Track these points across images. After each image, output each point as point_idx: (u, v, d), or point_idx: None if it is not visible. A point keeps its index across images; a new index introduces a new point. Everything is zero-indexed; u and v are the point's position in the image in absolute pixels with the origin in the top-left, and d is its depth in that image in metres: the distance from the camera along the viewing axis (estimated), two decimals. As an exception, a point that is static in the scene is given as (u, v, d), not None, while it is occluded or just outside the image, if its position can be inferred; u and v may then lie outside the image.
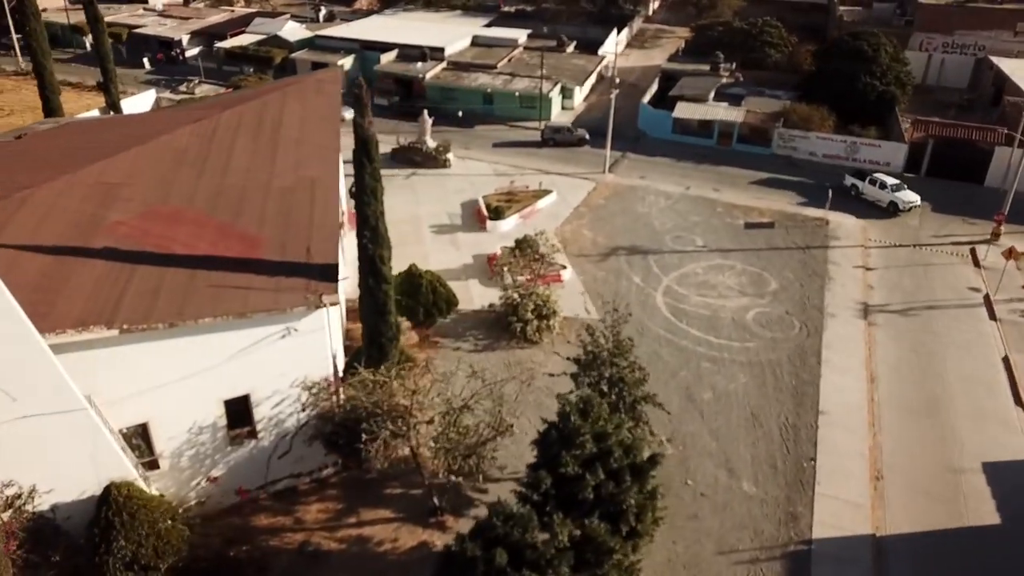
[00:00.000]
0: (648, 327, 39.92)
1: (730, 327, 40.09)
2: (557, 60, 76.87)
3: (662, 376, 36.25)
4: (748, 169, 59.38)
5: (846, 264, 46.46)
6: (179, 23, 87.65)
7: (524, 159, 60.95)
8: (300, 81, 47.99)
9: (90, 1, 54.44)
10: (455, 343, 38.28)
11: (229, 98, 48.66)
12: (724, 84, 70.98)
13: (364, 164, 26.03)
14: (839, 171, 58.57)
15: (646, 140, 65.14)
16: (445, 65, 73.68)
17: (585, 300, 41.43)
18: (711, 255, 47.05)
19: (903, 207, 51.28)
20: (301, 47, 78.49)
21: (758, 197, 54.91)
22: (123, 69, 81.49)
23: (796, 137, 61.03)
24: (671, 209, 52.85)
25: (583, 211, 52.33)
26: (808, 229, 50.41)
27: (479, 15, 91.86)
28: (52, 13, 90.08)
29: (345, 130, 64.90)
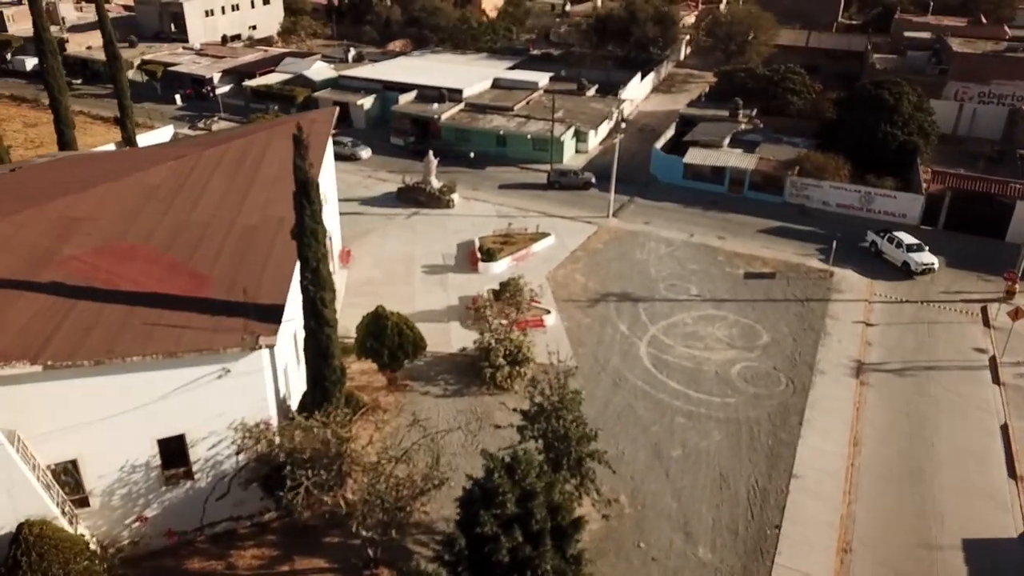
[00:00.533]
0: (626, 378, 38.69)
1: (712, 381, 38.60)
2: (575, 104, 76.75)
3: (632, 430, 34.99)
4: (758, 217, 57.92)
5: (846, 319, 44.59)
6: (213, 61, 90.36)
7: (529, 201, 60.56)
8: (292, 120, 48.52)
9: (110, 40, 56.41)
10: (425, 387, 37.63)
11: (220, 135, 49.47)
12: (741, 130, 69.85)
13: (304, 206, 25.82)
14: (852, 221, 56.85)
15: (657, 185, 64.23)
16: (462, 107, 74.17)
17: (564, 347, 40.55)
18: (704, 305, 45.67)
19: (915, 268, 48.91)
20: (325, 87, 80.00)
21: (764, 246, 53.39)
22: (156, 105, 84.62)
23: (809, 186, 59.44)
24: (670, 256, 51.69)
25: (579, 255, 51.53)
26: (811, 281, 48.68)
27: (505, 58, 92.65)
28: (97, 51, 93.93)
29: (354, 168, 66.25)
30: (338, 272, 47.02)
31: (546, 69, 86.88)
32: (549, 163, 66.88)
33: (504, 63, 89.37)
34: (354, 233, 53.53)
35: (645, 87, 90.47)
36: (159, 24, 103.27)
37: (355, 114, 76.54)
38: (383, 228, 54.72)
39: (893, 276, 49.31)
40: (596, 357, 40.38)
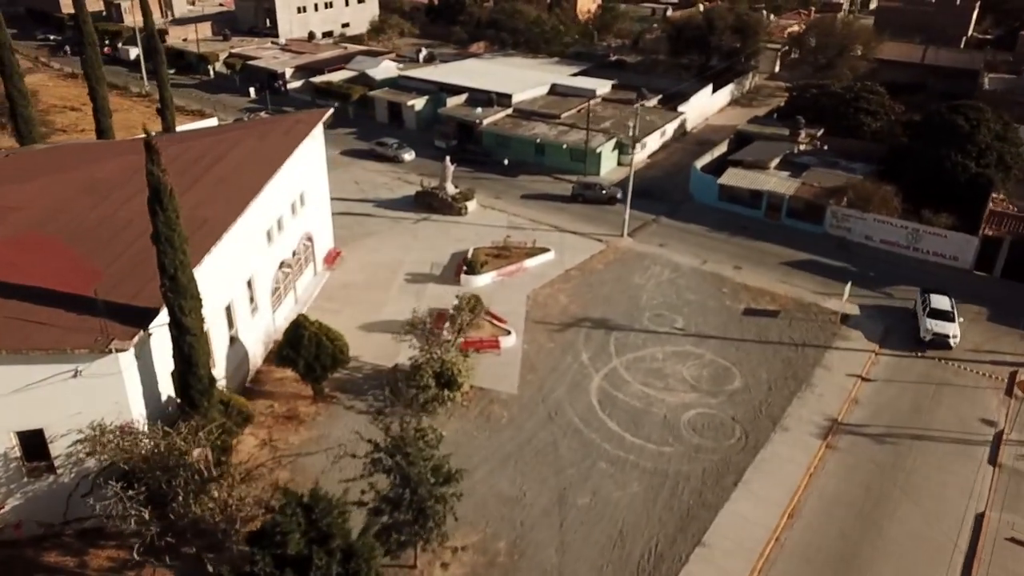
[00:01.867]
0: (564, 412, 36.22)
1: (656, 426, 35.47)
2: (626, 114, 73.53)
3: (545, 471, 32.62)
4: (789, 247, 53.17)
5: (840, 370, 39.94)
6: (292, 57, 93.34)
7: (548, 213, 58.36)
8: (280, 120, 49.00)
9: (152, 33, 58.99)
10: (352, 400, 36.70)
11: (199, 132, 50.44)
12: (797, 152, 64.57)
13: (157, 212, 25.38)
14: (895, 260, 51.29)
15: (691, 205, 60.36)
16: (508, 112, 72.74)
17: (512, 373, 38.59)
18: (684, 340, 42.21)
19: (923, 335, 42.05)
20: (384, 86, 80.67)
21: (781, 280, 48.87)
22: (232, 96, 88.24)
23: (851, 217, 53.94)
24: (671, 283, 48.25)
25: (574, 275, 49.01)
26: (816, 323, 44.03)
27: (575, 63, 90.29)
28: (192, 43, 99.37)
29: (386, 169, 65.97)
30: (319, 274, 47.16)
31: (614, 77, 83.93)
32: (585, 174, 64.36)
33: (572, 68, 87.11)
34: (356, 235, 53.42)
35: (719, 99, 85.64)
36: (254, 19, 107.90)
37: (406, 115, 76.76)
38: (386, 231, 54.27)
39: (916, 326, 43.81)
40: (542, 386, 38.08)
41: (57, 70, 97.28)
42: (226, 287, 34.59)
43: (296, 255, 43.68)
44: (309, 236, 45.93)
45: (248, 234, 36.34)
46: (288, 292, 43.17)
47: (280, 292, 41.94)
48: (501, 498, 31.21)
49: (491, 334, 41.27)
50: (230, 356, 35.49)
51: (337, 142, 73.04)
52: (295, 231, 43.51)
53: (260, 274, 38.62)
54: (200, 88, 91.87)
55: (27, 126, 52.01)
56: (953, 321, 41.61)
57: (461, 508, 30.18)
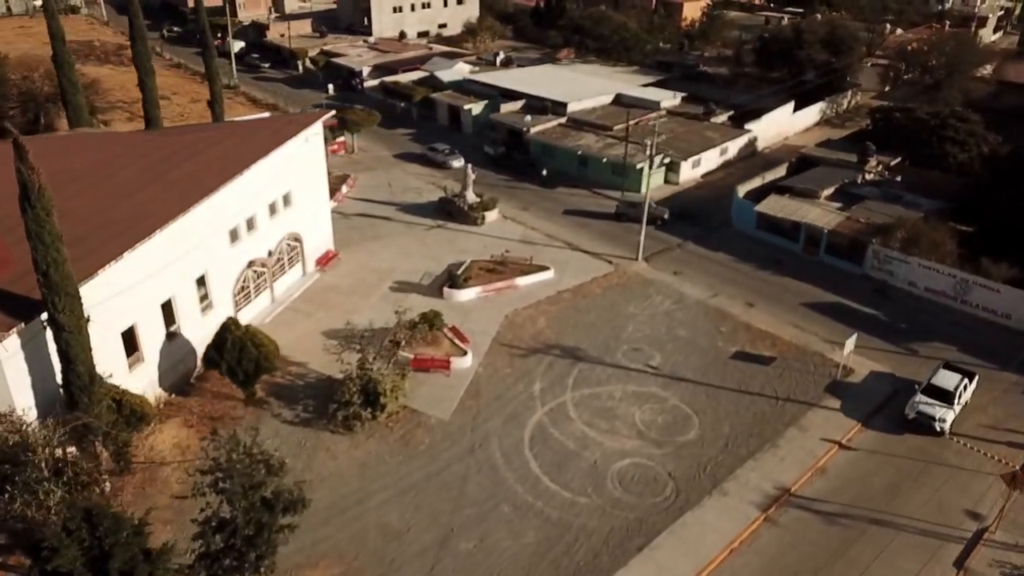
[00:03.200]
0: (489, 445, 34.13)
1: (581, 473, 32.70)
2: (688, 129, 69.58)
3: (441, 507, 30.77)
4: (819, 287, 48.15)
5: (817, 433, 35.45)
6: (376, 56, 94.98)
7: (570, 229, 55.83)
8: (273, 121, 49.44)
9: (204, 29, 61.34)
10: (280, 408, 36.19)
11: (188, 128, 51.30)
12: (859, 181, 58.51)
13: (26, 210, 25.63)
14: (938, 312, 45.48)
15: (727, 232, 55.99)
16: (562, 121, 70.48)
17: (453, 397, 36.91)
18: (653, 380, 38.90)
19: (908, 412, 35.91)
20: (450, 88, 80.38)
21: (794, 323, 44.22)
22: (312, 92, 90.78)
23: (894, 259, 48.07)
24: (667, 315, 44.75)
25: (565, 297, 46.44)
26: (812, 377, 39.41)
27: (652, 73, 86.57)
28: (290, 39, 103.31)
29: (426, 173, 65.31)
30: (308, 275, 47.21)
31: (696, 89, 79.77)
32: (623, 190, 61.27)
33: (647, 78, 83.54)
34: (364, 237, 53.22)
35: (806, 118, 79.32)
36: (351, 18, 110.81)
37: (464, 119, 76.10)
38: (394, 236, 53.66)
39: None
40: (478, 414, 36.11)
41: (167, 60, 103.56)
42: (164, 283, 34.87)
43: (274, 255, 43.76)
44: (296, 237, 45.96)
45: (200, 231, 36.56)
46: (262, 291, 43.33)
47: (250, 291, 42.13)
48: (384, 530, 29.67)
49: (446, 353, 39.63)
50: (167, 352, 35.86)
51: (393, 143, 73.58)
52: (274, 231, 43.61)
53: (217, 272, 38.81)
54: (286, 83, 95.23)
55: (76, 112, 55.29)
56: (951, 404, 35.54)
57: (338, 536, 29.23)
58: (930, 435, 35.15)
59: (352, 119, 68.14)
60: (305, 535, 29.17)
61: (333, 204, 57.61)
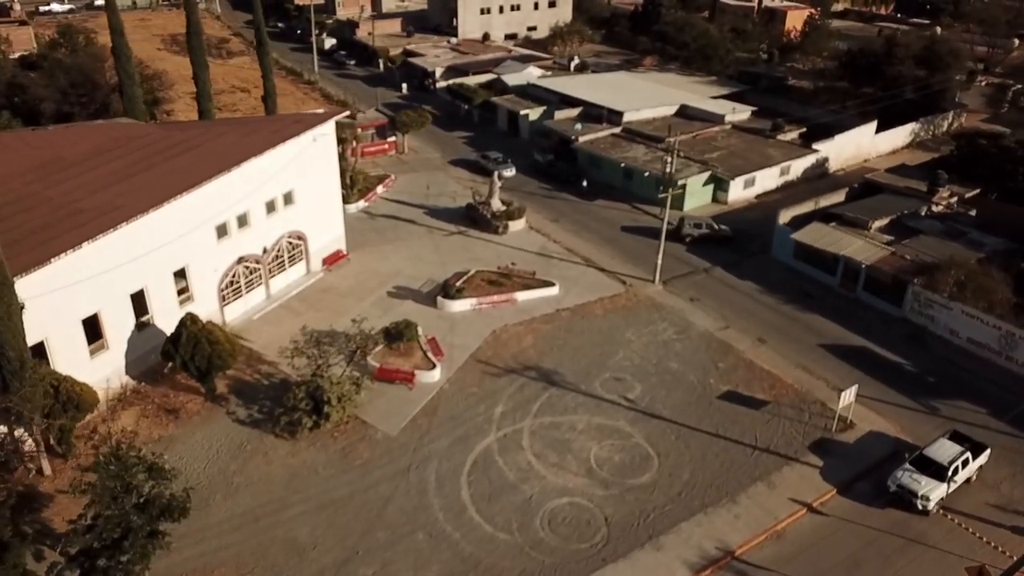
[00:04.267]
0: (426, 467, 32.87)
1: (511, 508, 30.89)
2: (748, 146, 65.45)
3: (355, 527, 29.87)
4: (847, 327, 43.86)
5: (786, 492, 32.03)
6: (454, 56, 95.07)
7: (592, 244, 53.43)
8: (279, 119, 49.74)
9: (259, 27, 62.99)
10: (237, 406, 36.28)
11: (193, 123, 52.03)
12: (928, 213, 52.98)
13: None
14: (979, 365, 40.55)
15: (763, 259, 52.00)
16: (615, 131, 67.90)
17: (405, 412, 35.89)
18: (622, 414, 36.39)
19: (890, 483, 31.77)
20: (515, 92, 79.23)
21: (802, 365, 40.39)
22: (386, 91, 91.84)
23: (935, 303, 43.04)
24: (664, 345, 41.89)
25: (562, 316, 44.38)
26: (803, 428, 35.75)
27: (733, 84, 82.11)
28: (377, 38, 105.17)
29: (468, 178, 64.57)
30: (311, 274, 47.46)
31: (776, 103, 75.27)
32: (661, 206, 58.04)
33: (721, 90, 79.24)
34: (381, 239, 52.99)
35: (892, 139, 72.97)
36: (440, 18, 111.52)
37: (522, 124, 74.78)
38: (411, 240, 53.06)
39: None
40: (426, 433, 34.88)
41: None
42: (134, 274, 35.62)
43: (271, 252, 44.08)
44: (299, 235, 46.18)
45: (178, 226, 37.15)
46: (256, 288, 43.74)
47: (240, 287, 42.61)
48: (289, 545, 29.01)
49: (414, 365, 38.59)
50: (137, 341, 36.66)
51: (447, 145, 73.19)
52: (273, 229, 43.92)
53: (200, 266, 39.39)
54: (366, 80, 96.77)
55: (131, 103, 58.00)
56: (941, 480, 31.01)
57: (242, 545, 28.85)
58: (910, 511, 30.94)
59: (402, 120, 68.23)
60: (212, 540, 29.11)
61: (363, 203, 58.15)
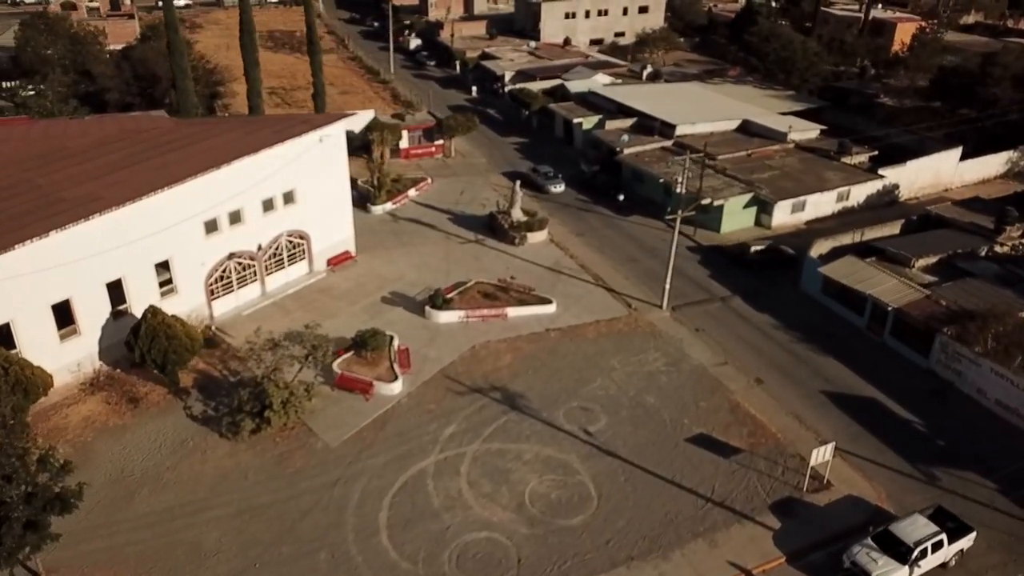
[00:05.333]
0: (352, 485, 31.96)
1: (423, 537, 29.53)
2: (806, 167, 60.95)
3: (261, 539, 29.39)
4: (863, 375, 39.73)
5: (726, 554, 29.07)
6: (529, 60, 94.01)
7: (611, 263, 51.16)
8: (284, 119, 49.97)
9: (310, 26, 63.98)
10: (195, 400, 36.61)
11: (212, 120, 52.67)
12: (991, 253, 47.40)
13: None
14: (1003, 431, 35.79)
15: (791, 290, 48.08)
16: (665, 144, 64.83)
17: (353, 423, 35.19)
18: (575, 448, 34.21)
19: (843, 558, 28.29)
20: (575, 99, 77.28)
21: (795, 413, 36.87)
22: (457, 92, 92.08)
23: (964, 358, 38.20)
24: (648, 377, 39.23)
25: (550, 336, 42.47)
26: (771, 483, 32.45)
27: (811, 100, 76.91)
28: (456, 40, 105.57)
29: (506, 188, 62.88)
30: (312, 274, 47.73)
31: (854, 122, 70.08)
32: (695, 226, 55.00)
33: (796, 105, 74.28)
34: (395, 243, 52.71)
35: (981, 168, 66.20)
36: (524, 21, 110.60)
37: (576, 132, 72.80)
38: (423, 246, 52.34)
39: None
40: (366, 448, 33.96)
41: (348, 52, 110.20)
42: (110, 264, 36.61)
43: (267, 250, 44.43)
44: (301, 235, 46.38)
45: (161, 219, 37.93)
46: (249, 284, 44.20)
47: (232, 282, 43.16)
48: (194, 549, 28.82)
49: (375, 376, 37.77)
50: (111, 329, 37.66)
51: (497, 151, 72.42)
52: (270, 227, 44.25)
53: (185, 260, 40.09)
54: (440, 81, 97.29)
55: (183, 96, 60.33)
56: (903, 562, 27.06)
57: (149, 544, 28.95)
58: None
59: (448, 123, 67.79)
60: (123, 535, 29.37)
61: (390, 205, 58.02)
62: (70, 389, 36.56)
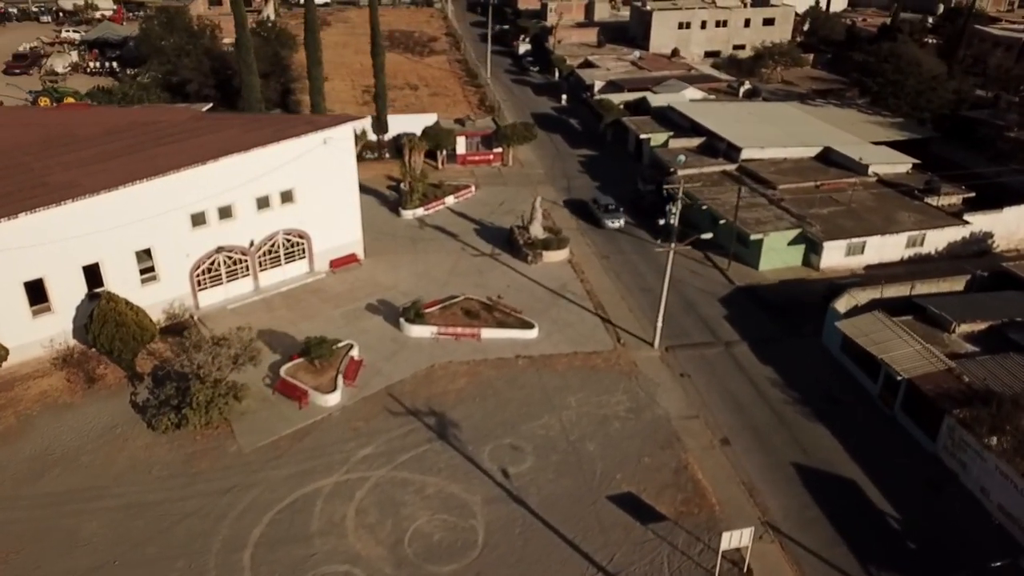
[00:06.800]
0: (243, 495, 31.43)
1: (283, 562, 28.51)
2: (881, 204, 54.37)
3: (133, 537, 29.61)
4: (851, 452, 34.45)
5: (593, 637, 25.88)
6: (629, 71, 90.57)
7: (624, 291, 47.88)
8: (285, 119, 50.13)
9: (375, 29, 64.48)
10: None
11: (224, 116, 53.35)
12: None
13: None
14: (999, 542, 29.63)
15: (810, 342, 42.74)
16: (726, 168, 60.03)
17: (276, 432, 34.81)
18: (483, 490, 31.88)
19: None
20: (654, 113, 73.40)
21: (751, 484, 32.56)
22: (548, 99, 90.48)
23: (969, 448, 32.11)
24: (600, 422, 36.04)
25: (516, 364, 40.11)
26: (680, 564, 28.67)
27: (916, 130, 68.70)
28: (562, 47, 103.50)
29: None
30: (312, 273, 48.16)
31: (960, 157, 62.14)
32: (728, 260, 50.48)
33: (899, 134, 66.63)
34: (406, 249, 52.36)
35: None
36: (636, 30, 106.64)
37: (645, 149, 69.11)
38: (433, 254, 51.27)
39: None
40: (276, 458, 33.32)
41: (457, 55, 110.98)
42: (88, 247, 38.29)
43: (260, 246, 44.98)
44: (300, 234, 46.66)
45: (142, 209, 39.25)
46: (240, 278, 44.94)
47: (221, 275, 44.04)
48: (69, 537, 29.28)
49: (316, 385, 37.11)
50: (84, 309, 39.21)
51: (559, 164, 70.30)
52: (265, 224, 44.75)
53: (168, 249, 41.25)
54: (537, 87, 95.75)
55: (248, 91, 62.74)
56: None
57: (29, 526, 29.90)
58: None
59: (503, 132, 66.37)
60: (11, 512, 30.41)
61: (421, 211, 57.48)
62: (42, 363, 38.58)
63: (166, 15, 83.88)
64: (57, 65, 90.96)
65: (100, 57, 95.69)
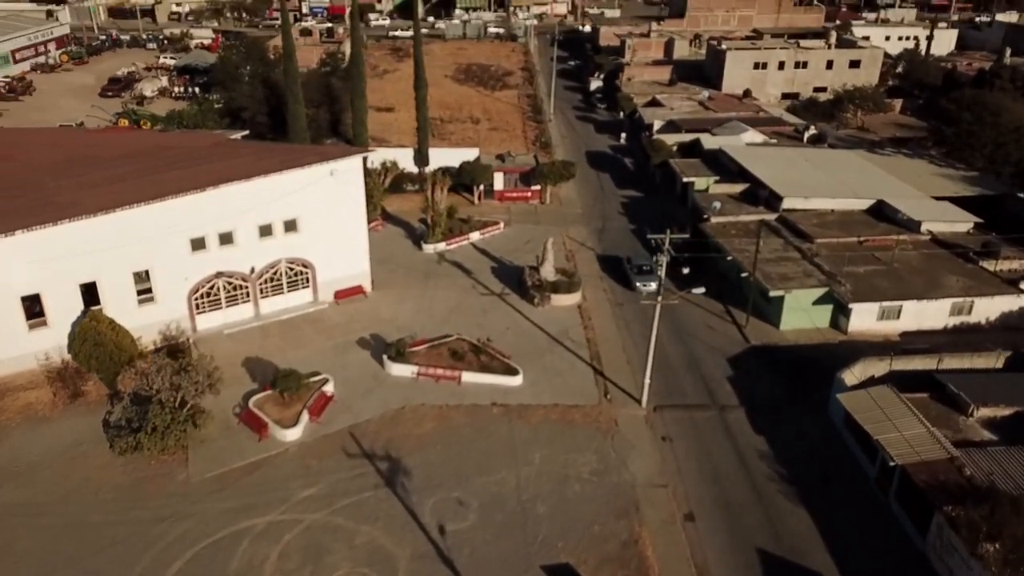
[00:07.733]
0: (171, 528, 31.23)
1: (195, 598, 28.05)
2: (929, 265, 49.98)
3: (54, 558, 29.90)
4: (829, 542, 31.19)
5: None
6: (694, 111, 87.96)
7: (629, 342, 45.69)
8: (293, 150, 50.38)
9: (417, 63, 65.13)
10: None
11: (237, 144, 54.32)
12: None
13: None
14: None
15: (814, 416, 39.28)
16: (765, 217, 56.78)
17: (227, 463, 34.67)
18: (414, 545, 30.58)
19: None
20: (706, 156, 70.67)
21: (704, 569, 29.83)
22: (606, 137, 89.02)
23: (956, 552, 28.26)
24: (559, 482, 34.08)
25: (490, 413, 38.65)
26: (598, 649, 26.39)
27: (982, 185, 63.08)
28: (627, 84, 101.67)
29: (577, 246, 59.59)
30: (315, 302, 48.51)
31: None
32: (746, 315, 47.40)
33: (969, 189, 61.41)
34: (415, 282, 51.82)
35: None
36: (711, 70, 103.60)
37: (690, 192, 66.46)
38: (440, 291, 50.48)
39: None
40: (217, 491, 33.12)
41: (532, 88, 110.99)
42: (85, 267, 39.67)
43: (261, 273, 45.46)
44: (304, 263, 46.96)
45: (141, 232, 40.43)
46: (240, 303, 45.55)
47: (220, 299, 44.77)
48: (3, 550, 29.92)
49: (279, 419, 36.82)
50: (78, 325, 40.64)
51: (601, 203, 68.58)
52: (267, 252, 45.26)
53: (166, 272, 42.25)
54: (599, 125, 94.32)
55: (293, 120, 64.39)
56: None
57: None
58: None
59: (541, 170, 65.37)
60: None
61: (442, 246, 57.08)
62: (35, 375, 40.02)
63: (245, 45, 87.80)
64: (147, 89, 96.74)
65: (188, 83, 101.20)
